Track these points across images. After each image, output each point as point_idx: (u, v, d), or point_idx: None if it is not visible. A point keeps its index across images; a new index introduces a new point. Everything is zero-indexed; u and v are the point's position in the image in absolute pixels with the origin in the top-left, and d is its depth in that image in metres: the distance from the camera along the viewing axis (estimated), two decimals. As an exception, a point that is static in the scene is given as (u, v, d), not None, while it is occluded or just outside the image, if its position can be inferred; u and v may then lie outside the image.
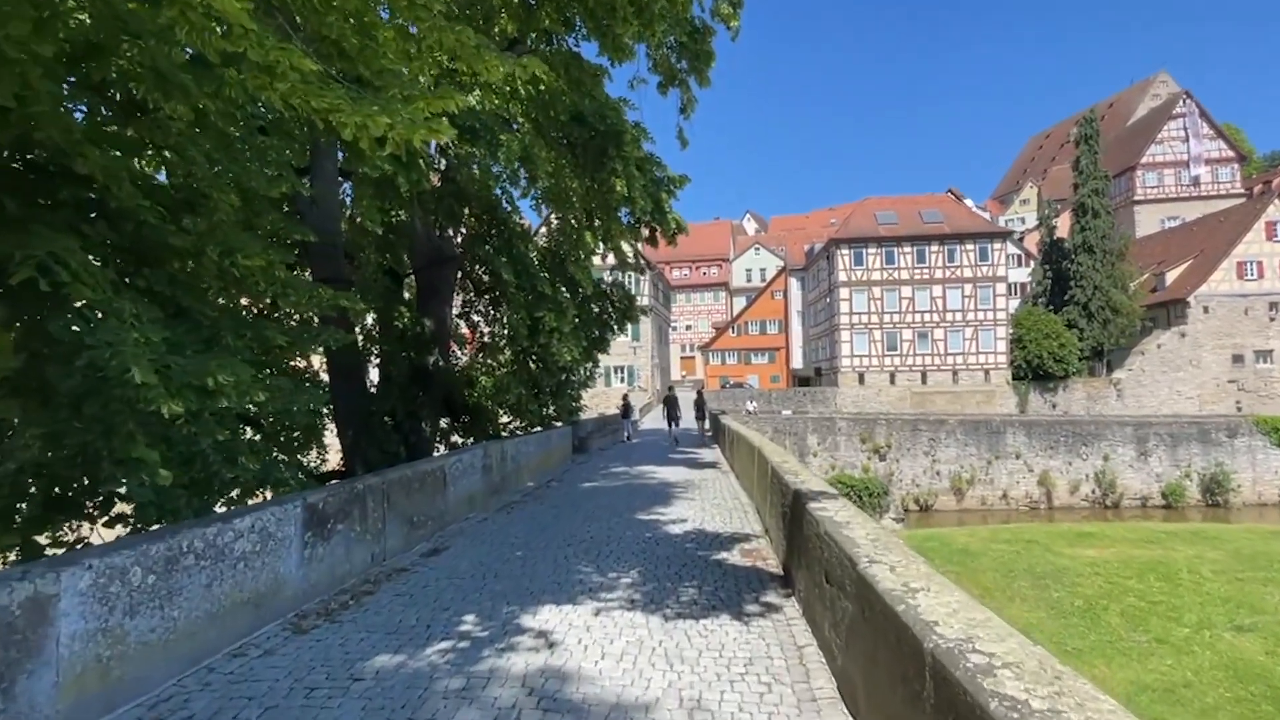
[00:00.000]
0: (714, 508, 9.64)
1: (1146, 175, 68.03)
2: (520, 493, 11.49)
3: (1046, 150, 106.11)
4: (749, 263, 75.91)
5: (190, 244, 5.06)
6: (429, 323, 14.53)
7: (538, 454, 13.35)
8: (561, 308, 11.26)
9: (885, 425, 32.01)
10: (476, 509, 9.60)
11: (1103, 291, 46.00)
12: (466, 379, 16.13)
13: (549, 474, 13.96)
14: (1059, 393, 44.93)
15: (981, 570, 14.87)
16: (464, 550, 7.38)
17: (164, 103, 5.36)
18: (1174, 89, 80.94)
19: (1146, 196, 67.33)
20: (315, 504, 5.64)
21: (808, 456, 31.63)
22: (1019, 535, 17.60)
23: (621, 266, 17.05)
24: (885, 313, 46.66)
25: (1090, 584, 14.11)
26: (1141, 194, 67.59)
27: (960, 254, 46.00)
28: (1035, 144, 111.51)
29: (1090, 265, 46.28)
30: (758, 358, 62.04)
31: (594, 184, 12.72)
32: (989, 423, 31.92)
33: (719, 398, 48.62)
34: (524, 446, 12.16)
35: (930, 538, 17.81)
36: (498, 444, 10.75)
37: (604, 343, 16.06)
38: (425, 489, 7.85)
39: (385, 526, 6.84)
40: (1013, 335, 45.49)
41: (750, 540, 7.55)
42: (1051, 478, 31.04)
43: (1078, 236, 47.17)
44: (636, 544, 7.42)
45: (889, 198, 50.07)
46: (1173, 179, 67.66)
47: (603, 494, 11.22)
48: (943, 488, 31.38)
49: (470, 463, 9.41)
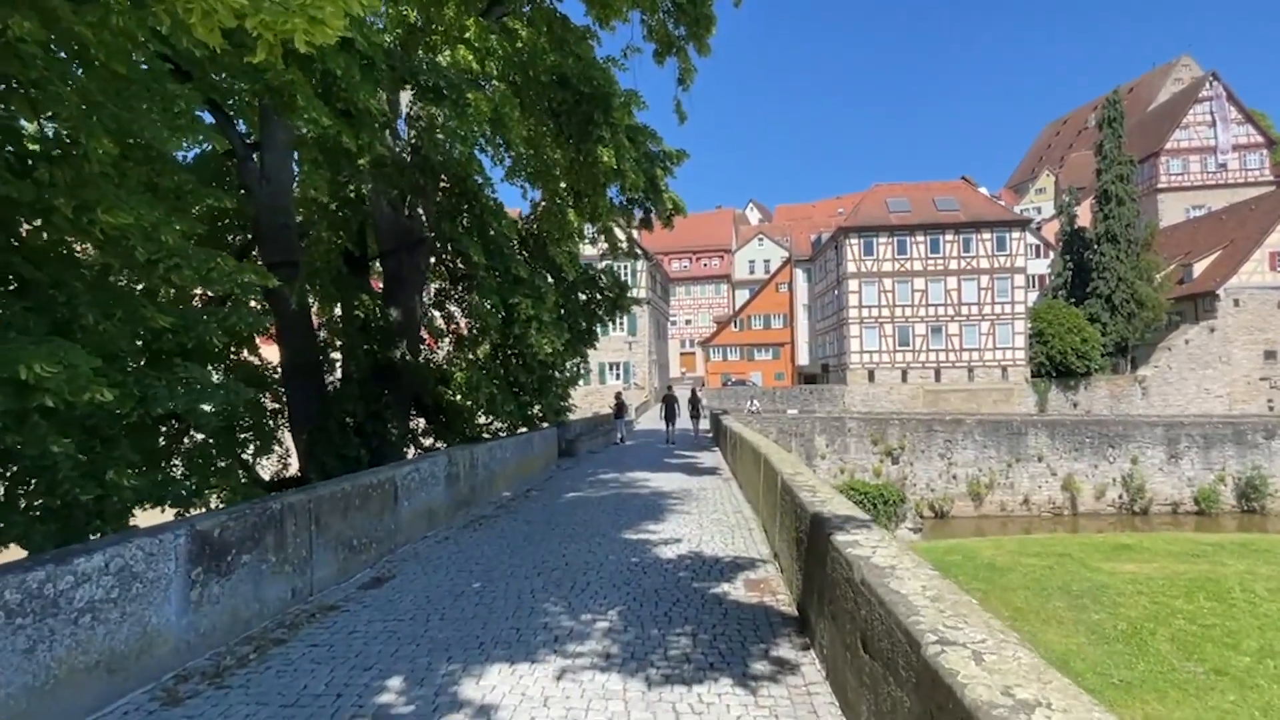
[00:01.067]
0: (713, 524, 8.65)
1: (1171, 162, 67.03)
2: (494, 505, 10.49)
3: (1063, 137, 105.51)
4: (752, 254, 74.97)
5: (32, 196, 4.05)
6: (396, 312, 13.52)
7: (516, 459, 12.35)
8: (540, 294, 10.24)
9: (898, 426, 31.03)
10: (438, 526, 8.60)
11: (1127, 283, 45.05)
12: (440, 376, 15.13)
13: (529, 482, 12.96)
14: (1080, 391, 44.00)
15: (1011, 588, 13.90)
16: (412, 580, 6.37)
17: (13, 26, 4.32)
18: (1197, 73, 80.00)
19: (1171, 184, 66.34)
20: (208, 531, 4.62)
21: (815, 459, 30.65)
22: (1050, 548, 16.63)
23: (613, 252, 16.07)
24: (897, 306, 45.69)
25: (1133, 604, 13.14)
26: (1165, 181, 66.58)
27: (976, 243, 45.01)
28: (1051, 131, 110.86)
29: (1114, 256, 45.33)
30: (761, 354, 61.09)
31: (579, 155, 11.71)
32: (1009, 423, 30.94)
33: (720, 396, 47.66)
34: (499, 451, 11.16)
35: (952, 550, 16.84)
36: (466, 450, 9.75)
37: (592, 335, 15.05)
38: (369, 505, 6.84)
39: (312, 554, 5.83)
40: (1032, 330, 44.52)
41: (756, 567, 6.55)
42: (1076, 482, 30.08)
43: (1100, 225, 46.20)
44: (620, 573, 6.41)
45: (901, 184, 49.04)
46: (1198, 166, 66.65)
47: (587, 506, 10.22)
48: (959, 492, 30.41)
49: (430, 472, 8.40)
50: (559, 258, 10.43)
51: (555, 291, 10.48)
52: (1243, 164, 64.80)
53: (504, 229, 9.85)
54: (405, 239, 13.21)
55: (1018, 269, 45.13)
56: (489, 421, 16.07)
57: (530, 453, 13.39)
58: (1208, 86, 65.99)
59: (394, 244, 13.54)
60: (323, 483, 6.31)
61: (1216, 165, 65.22)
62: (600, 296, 14.87)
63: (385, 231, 13.62)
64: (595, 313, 15.03)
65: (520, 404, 13.24)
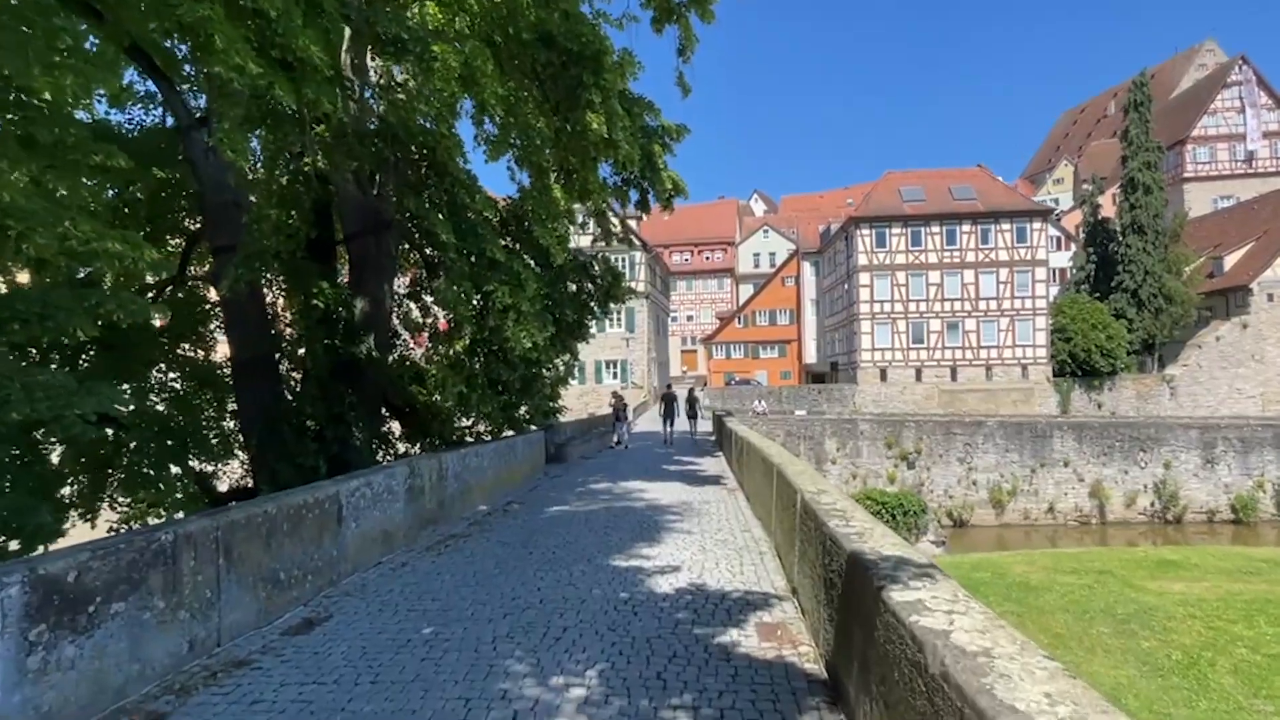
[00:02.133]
0: (718, 546, 7.68)
1: (1198, 150, 66.10)
2: (466, 521, 9.52)
3: (1081, 125, 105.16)
4: (757, 246, 74.13)
5: None
6: (363, 303, 12.55)
7: (495, 468, 11.38)
8: (519, 280, 9.26)
9: (914, 428, 30.10)
10: (396, 549, 7.63)
11: (1155, 277, 44.10)
12: (416, 374, 14.17)
13: (510, 492, 11.99)
14: (1105, 391, 43.08)
15: (1048, 611, 12.94)
16: (351, 621, 5.41)
17: None
18: (1221, 58, 79.10)
19: (1198, 174, 65.43)
20: (56, 576, 3.65)
21: (825, 464, 29.72)
22: (1087, 564, 15.68)
23: (606, 238, 15.09)
24: (910, 300, 44.76)
25: (1186, 630, 12.18)
26: (1192, 170, 65.64)
27: (995, 234, 44.06)
28: (1069, 119, 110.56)
29: (1140, 248, 44.37)
30: (767, 351, 60.21)
31: (566, 124, 10.71)
32: (1033, 425, 30.02)
33: (724, 396, 46.75)
34: (474, 459, 10.19)
35: (980, 566, 15.89)
36: (432, 459, 8.78)
37: (583, 329, 14.08)
38: (302, 530, 5.87)
39: (220, 594, 4.86)
40: (1054, 326, 43.56)
41: (771, 605, 5.58)
42: (1105, 489, 29.17)
43: (1126, 215, 45.25)
44: (605, 614, 5.45)
45: (915, 171, 48.08)
46: (1226, 154, 65.72)
47: (573, 523, 9.26)
48: (980, 499, 29.49)
49: (386, 487, 7.43)
50: (544, 239, 9.45)
51: (536, 278, 9.49)
52: (1273, 151, 63.90)
53: (479, 205, 8.87)
54: (373, 221, 12.23)
55: (1039, 262, 44.18)
56: (470, 424, 15.15)
57: (512, 460, 12.43)
58: (1237, 70, 65.05)
59: (360, 226, 12.57)
60: (240, 504, 5.34)
61: (1245, 153, 64.30)
62: (592, 286, 13.89)
63: (350, 212, 12.66)
64: (586, 304, 14.04)
65: (500, 404, 12.28)
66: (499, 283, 9.03)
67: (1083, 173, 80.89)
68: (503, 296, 8.90)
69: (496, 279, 9.08)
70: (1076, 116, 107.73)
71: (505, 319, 9.00)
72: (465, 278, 8.78)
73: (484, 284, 9.06)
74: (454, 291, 8.61)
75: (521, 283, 9.23)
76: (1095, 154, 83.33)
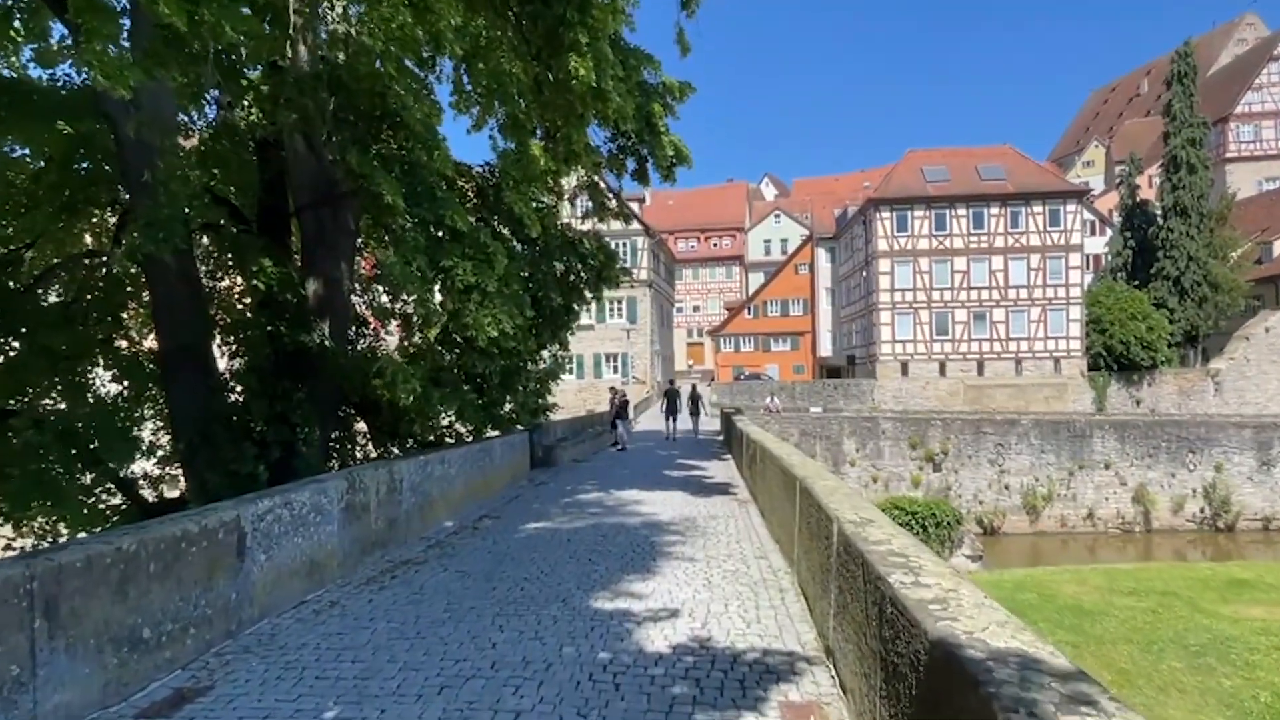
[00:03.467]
0: (727, 579, 6.46)
1: (1241, 128, 64.51)
2: (426, 542, 8.32)
3: (1112, 105, 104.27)
4: (768, 232, 73.04)
5: None
6: (316, 284, 11.35)
7: (466, 476, 10.17)
8: (486, 254, 7.99)
9: (940, 427, 28.85)
10: (327, 583, 6.43)
11: (1199, 263, 42.66)
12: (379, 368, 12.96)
13: (485, 504, 10.78)
14: (1144, 386, 41.74)
15: (1109, 641, 11.69)
16: (230, 701, 4.19)
17: None
18: (1263, 32, 77.34)
19: (1241, 153, 63.88)
20: None
21: (843, 466, 28.52)
22: (1147, 583, 14.40)
23: (599, 213, 13.85)
24: (934, 289, 43.46)
25: (1273, 665, 10.93)
26: (1235, 150, 64.05)
27: (1026, 218, 42.67)
28: (1098, 99, 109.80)
29: (1183, 231, 42.92)
30: (778, 344, 59.00)
31: (548, 71, 9.45)
32: (1071, 424, 28.77)
33: (732, 392, 45.58)
34: (436, 467, 8.98)
35: (1024, 585, 14.63)
36: (380, 469, 7.58)
37: (571, 315, 12.85)
38: (181, 569, 4.66)
39: (38, 669, 3.66)
40: (1089, 316, 42.16)
41: (799, 673, 4.36)
42: (1149, 493, 27.90)
43: (1168, 197, 43.76)
44: (576, 687, 4.23)
45: (939, 149, 46.65)
46: (1272, 132, 64.12)
47: (552, 545, 8.05)
48: (1012, 505, 28.26)
49: (314, 506, 6.22)
50: (517, 205, 8.23)
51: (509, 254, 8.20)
52: (1324, 129, 62.12)
53: (437, 163, 7.62)
54: (328, 190, 11.00)
55: (1073, 247, 42.81)
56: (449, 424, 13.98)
57: (488, 466, 11.21)
58: (1285, 42, 63.20)
59: (314, 196, 11.36)
60: (79, 541, 4.12)
61: (1293, 131, 62.54)
62: (581, 266, 12.63)
63: (304, 180, 11.43)
64: (575, 287, 12.81)
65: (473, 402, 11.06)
66: (460, 257, 7.79)
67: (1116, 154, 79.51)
68: (464, 274, 7.66)
69: (458, 253, 7.84)
70: (1107, 96, 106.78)
71: (467, 301, 7.76)
72: (418, 250, 7.54)
73: (442, 258, 7.82)
74: (404, 267, 7.37)
75: (489, 258, 7.99)
76: (1129, 134, 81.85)
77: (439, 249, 7.98)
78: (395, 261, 7.29)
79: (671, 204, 75.28)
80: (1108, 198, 61.33)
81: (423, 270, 7.41)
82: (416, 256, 7.43)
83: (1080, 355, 42.33)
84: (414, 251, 7.49)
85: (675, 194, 79.13)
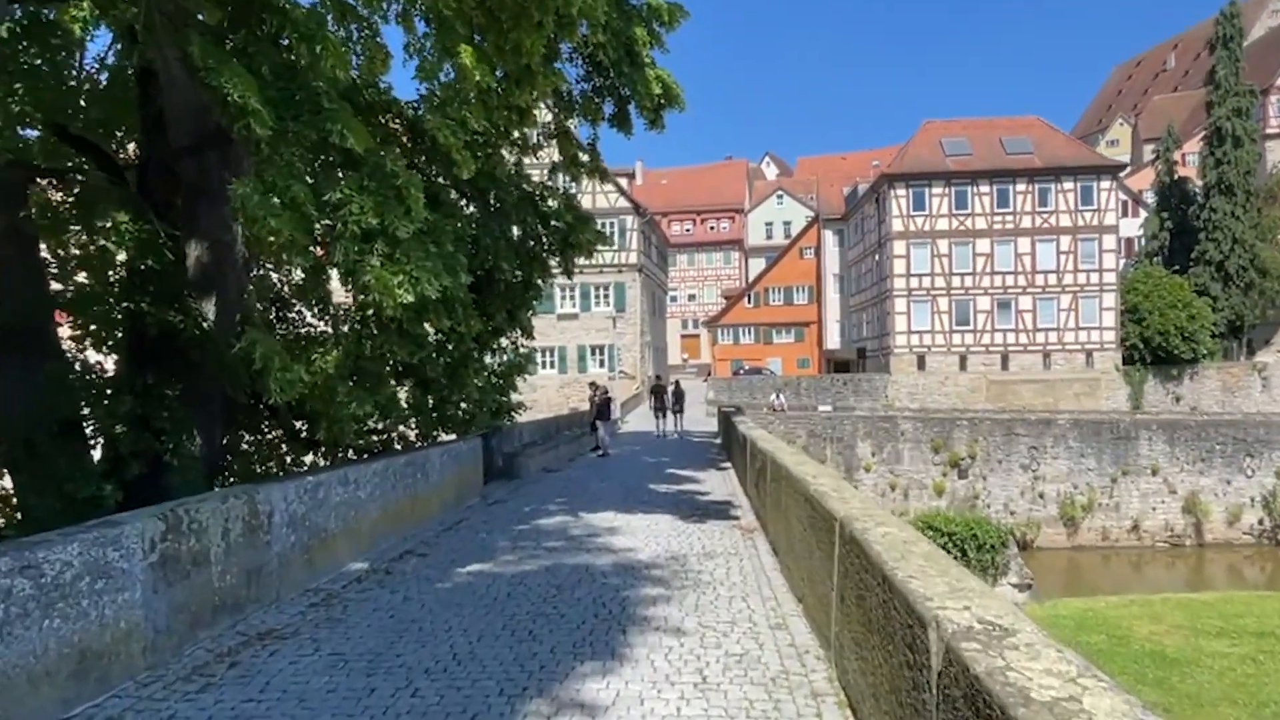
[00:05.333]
0: (730, 673, 4.53)
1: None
2: (312, 597, 6.33)
3: (1137, 81, 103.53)
4: (769, 214, 71.47)
5: None
6: (197, 251, 9.38)
7: (385, 499, 8.18)
8: (396, 188, 5.91)
9: (967, 428, 27.07)
10: (115, 684, 4.44)
11: (1245, 246, 41.07)
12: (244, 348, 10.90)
13: (414, 535, 8.81)
14: (1185, 381, 40.20)
15: (1208, 701, 9.81)
16: None
17: None
18: (1301, -1, 75.83)
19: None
20: None
21: (857, 471, 26.71)
22: (1236, 620, 12.57)
23: (570, 168, 11.86)
24: (954, 274, 41.66)
25: None
26: (1277, 126, 62.33)
27: (1056, 195, 40.90)
28: (1122, 74, 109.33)
29: (1228, 211, 41.32)
30: (781, 336, 57.33)
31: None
32: (1114, 425, 27.07)
33: (731, 388, 43.78)
34: (336, 490, 6.99)
35: (1086, 622, 12.78)
36: (236, 497, 5.58)
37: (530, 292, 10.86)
38: None
39: None
40: (1124, 305, 40.46)
41: None
42: (1202, 502, 26.23)
43: (1211, 173, 42.11)
44: None
45: (959, 120, 44.76)
46: (1316, 105, 62.42)
47: (483, 605, 6.08)
48: (1048, 515, 26.55)
49: (93, 566, 4.24)
50: (441, 134, 6.27)
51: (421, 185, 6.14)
52: (1375, 103, 60.44)
53: (325, 63, 5.58)
54: (213, 130, 8.96)
55: (1107, 228, 41.10)
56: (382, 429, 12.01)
57: (419, 483, 9.21)
58: (1332, 7, 61.49)
59: (196, 136, 9.34)
60: None
61: (1339, 104, 60.84)
62: (544, 227, 10.61)
63: (180, 114, 9.38)
64: (536, 255, 10.81)
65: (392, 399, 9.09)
66: (357, 190, 5.76)
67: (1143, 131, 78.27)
68: (361, 213, 5.64)
69: (354, 185, 5.81)
70: (1131, 71, 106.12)
71: (365, 252, 5.73)
72: (290, 176, 5.52)
73: (329, 190, 5.79)
74: (262, 197, 5.31)
75: (399, 194, 5.96)
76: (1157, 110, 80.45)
77: (326, 179, 5.96)
78: (247, 189, 5.23)
79: (665, 183, 73.49)
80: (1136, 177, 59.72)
81: (296, 203, 5.36)
82: (287, 185, 5.38)
83: (1115, 348, 40.65)
84: (283, 176, 5.43)
85: (669, 173, 77.51)
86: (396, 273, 5.78)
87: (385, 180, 5.98)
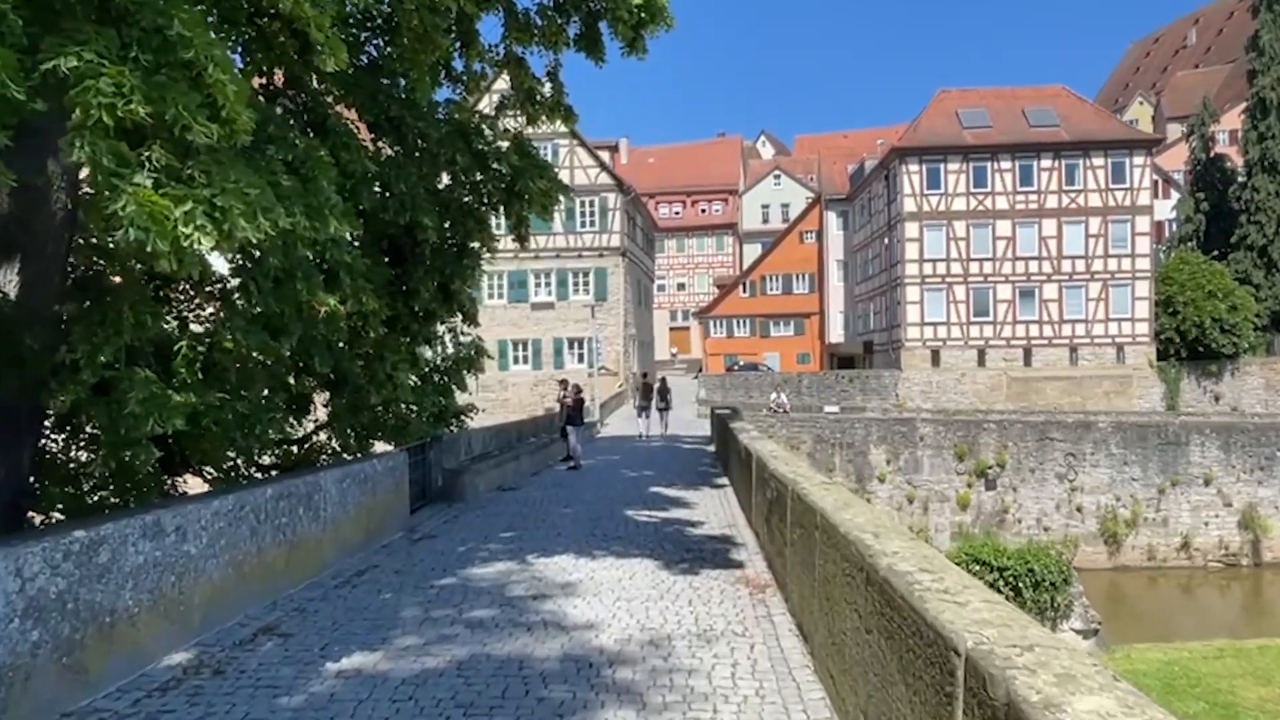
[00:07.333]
0: None
1: (1320, 75, 61.75)
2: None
3: (1155, 58, 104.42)
4: (766, 195, 70.51)
5: None
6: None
7: (235, 551, 5.97)
8: (187, 62, 3.69)
9: (995, 432, 25.32)
10: None
11: (1291, 229, 39.63)
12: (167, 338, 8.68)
13: (293, 596, 6.62)
14: (1225, 379, 39.25)
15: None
16: None
17: None
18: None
19: (1322, 104, 61.06)
20: None
21: (870, 482, 24.90)
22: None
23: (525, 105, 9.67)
24: (972, 259, 40.33)
25: None
26: (1314, 101, 61.32)
27: (1084, 172, 39.45)
28: (1139, 51, 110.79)
29: (1273, 191, 40.31)
30: (779, 328, 56.02)
31: None
32: (1161, 428, 25.47)
33: (725, 386, 42.22)
34: (136, 548, 4.80)
35: (1175, 682, 10.75)
36: None
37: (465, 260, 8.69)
38: None
39: None
40: (1158, 295, 38.98)
41: None
42: (1260, 516, 24.66)
43: (1254, 149, 41.01)
44: None
45: (977, 90, 43.06)
46: (1357, 80, 61.44)
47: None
48: (1087, 532, 24.93)
49: None
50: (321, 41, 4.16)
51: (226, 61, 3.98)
52: None
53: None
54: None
55: (1141, 209, 39.76)
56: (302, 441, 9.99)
57: (304, 521, 7.01)
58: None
59: None
60: None
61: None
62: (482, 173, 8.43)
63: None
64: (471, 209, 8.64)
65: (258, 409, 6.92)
66: (111, 53, 3.53)
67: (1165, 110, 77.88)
68: (114, 93, 3.39)
69: (106, 44, 3.57)
70: (1149, 48, 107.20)
71: (124, 162, 3.50)
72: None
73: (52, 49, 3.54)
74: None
75: (197, 70, 3.73)
76: (1180, 87, 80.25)
77: (49, 30, 3.72)
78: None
79: (652, 162, 71.91)
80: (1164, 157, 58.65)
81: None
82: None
83: (1148, 341, 39.29)
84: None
85: (656, 150, 76.07)
86: (184, 198, 3.63)
87: (168, 50, 3.80)
